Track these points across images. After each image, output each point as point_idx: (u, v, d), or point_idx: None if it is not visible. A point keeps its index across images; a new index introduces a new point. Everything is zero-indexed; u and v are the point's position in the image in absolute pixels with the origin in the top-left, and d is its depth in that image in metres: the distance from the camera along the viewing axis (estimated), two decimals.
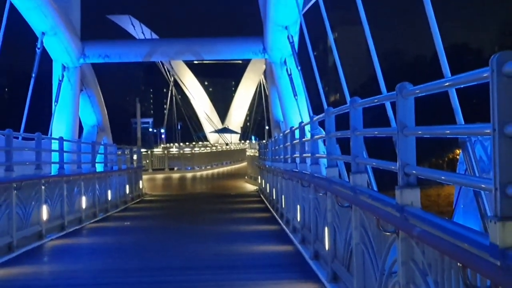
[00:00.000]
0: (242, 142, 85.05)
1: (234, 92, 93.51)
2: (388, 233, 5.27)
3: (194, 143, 78.11)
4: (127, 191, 25.35)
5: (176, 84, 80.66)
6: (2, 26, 19.66)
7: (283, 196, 16.30)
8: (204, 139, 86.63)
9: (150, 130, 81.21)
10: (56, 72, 25.25)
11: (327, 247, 8.83)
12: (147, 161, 47.31)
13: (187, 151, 57.04)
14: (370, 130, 7.21)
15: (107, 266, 10.41)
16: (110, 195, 21.45)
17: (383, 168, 6.03)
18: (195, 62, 69.76)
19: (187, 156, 52.92)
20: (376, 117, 9.62)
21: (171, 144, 77.62)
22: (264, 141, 40.94)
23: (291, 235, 13.44)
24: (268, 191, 22.76)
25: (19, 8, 21.09)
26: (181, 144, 74.72)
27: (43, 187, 14.14)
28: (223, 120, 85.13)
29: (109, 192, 21.32)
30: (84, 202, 17.83)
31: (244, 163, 53.61)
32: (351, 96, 7.84)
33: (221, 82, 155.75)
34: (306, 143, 12.89)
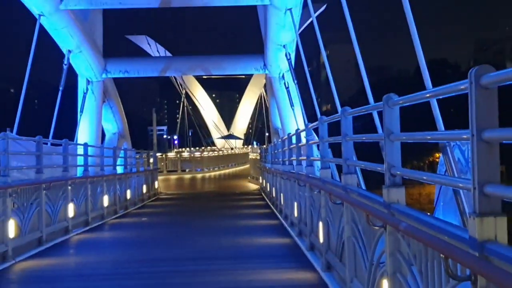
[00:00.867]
0: (245, 146, 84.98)
1: (238, 103, 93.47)
2: (377, 227, 5.22)
3: (203, 147, 78.05)
4: (144, 190, 25.28)
5: (187, 96, 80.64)
6: (32, 45, 19.70)
7: (281, 194, 16.23)
8: (212, 144, 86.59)
9: (165, 136, 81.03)
10: (81, 86, 25.18)
11: (321, 239, 8.77)
12: (162, 163, 47.18)
13: (197, 155, 56.99)
14: (359, 136, 7.19)
15: (127, 257, 10.37)
16: (129, 194, 21.38)
17: (371, 169, 5.97)
18: (204, 77, 69.85)
19: (197, 159, 52.85)
20: (362, 125, 9.59)
21: (183, 148, 77.48)
22: (264, 145, 40.88)
23: (289, 228, 13.38)
24: (268, 189, 22.70)
25: (47, 29, 21.08)
26: (192, 148, 74.75)
27: (69, 187, 14.10)
28: (228, 128, 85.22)
29: (128, 191, 21.25)
30: (106, 201, 17.78)
31: (247, 165, 53.57)
32: (341, 106, 7.78)
33: (227, 94, 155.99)
34: (302, 147, 12.87)
